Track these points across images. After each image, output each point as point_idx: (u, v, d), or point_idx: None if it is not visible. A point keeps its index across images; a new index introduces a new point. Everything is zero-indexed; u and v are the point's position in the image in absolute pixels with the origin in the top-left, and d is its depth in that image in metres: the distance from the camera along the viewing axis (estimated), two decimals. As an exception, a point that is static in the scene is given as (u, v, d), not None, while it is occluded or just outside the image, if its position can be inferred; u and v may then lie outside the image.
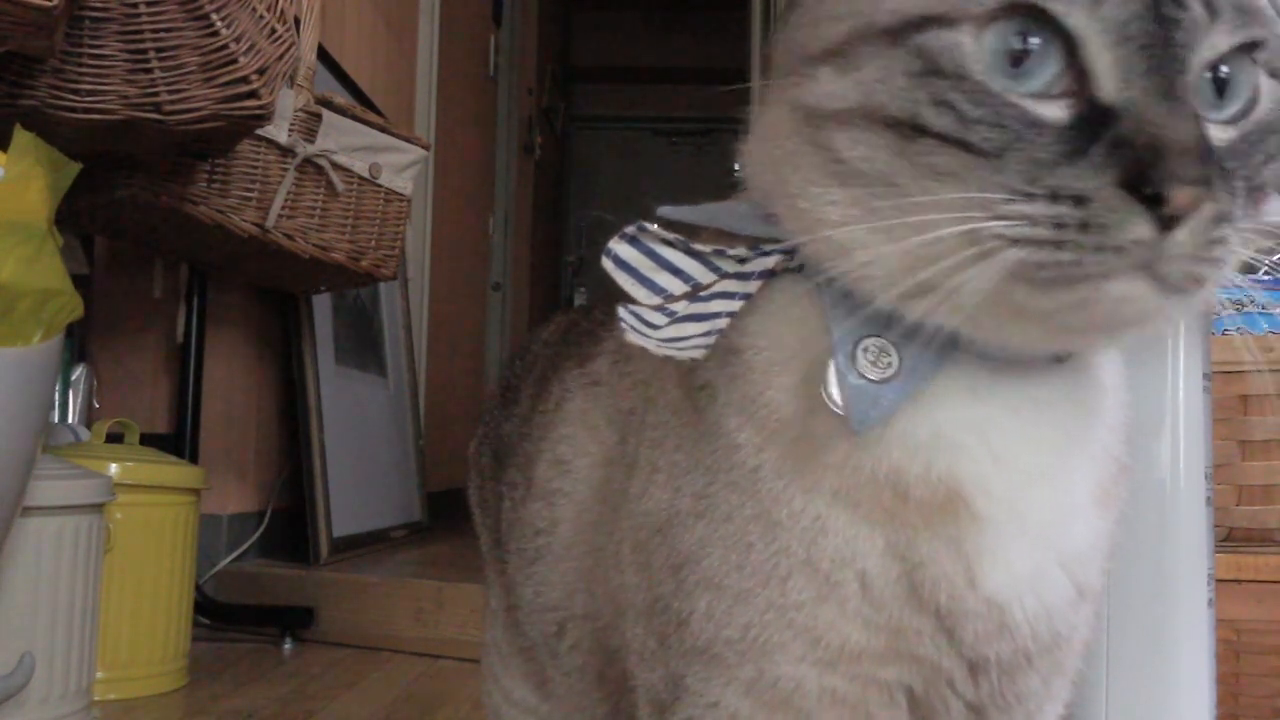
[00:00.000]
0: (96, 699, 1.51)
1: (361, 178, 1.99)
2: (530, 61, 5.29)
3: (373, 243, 2.03)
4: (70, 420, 2.02)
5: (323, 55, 2.30)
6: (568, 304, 5.67)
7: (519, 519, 0.78)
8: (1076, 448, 0.57)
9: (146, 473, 1.69)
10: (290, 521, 2.48)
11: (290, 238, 1.86)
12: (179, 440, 2.10)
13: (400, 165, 2.07)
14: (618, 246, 0.58)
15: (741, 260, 0.58)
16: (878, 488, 0.54)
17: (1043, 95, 0.48)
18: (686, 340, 0.58)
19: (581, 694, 0.73)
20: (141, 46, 1.31)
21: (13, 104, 1.28)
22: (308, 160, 1.86)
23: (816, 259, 0.54)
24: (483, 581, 0.96)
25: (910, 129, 0.49)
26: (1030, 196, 0.47)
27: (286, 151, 1.84)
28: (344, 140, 1.94)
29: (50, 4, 1.12)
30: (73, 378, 2.06)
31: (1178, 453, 0.85)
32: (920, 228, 0.48)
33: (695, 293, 0.58)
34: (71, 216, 1.69)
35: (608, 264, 0.58)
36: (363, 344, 2.86)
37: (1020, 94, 0.48)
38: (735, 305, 0.58)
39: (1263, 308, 1.56)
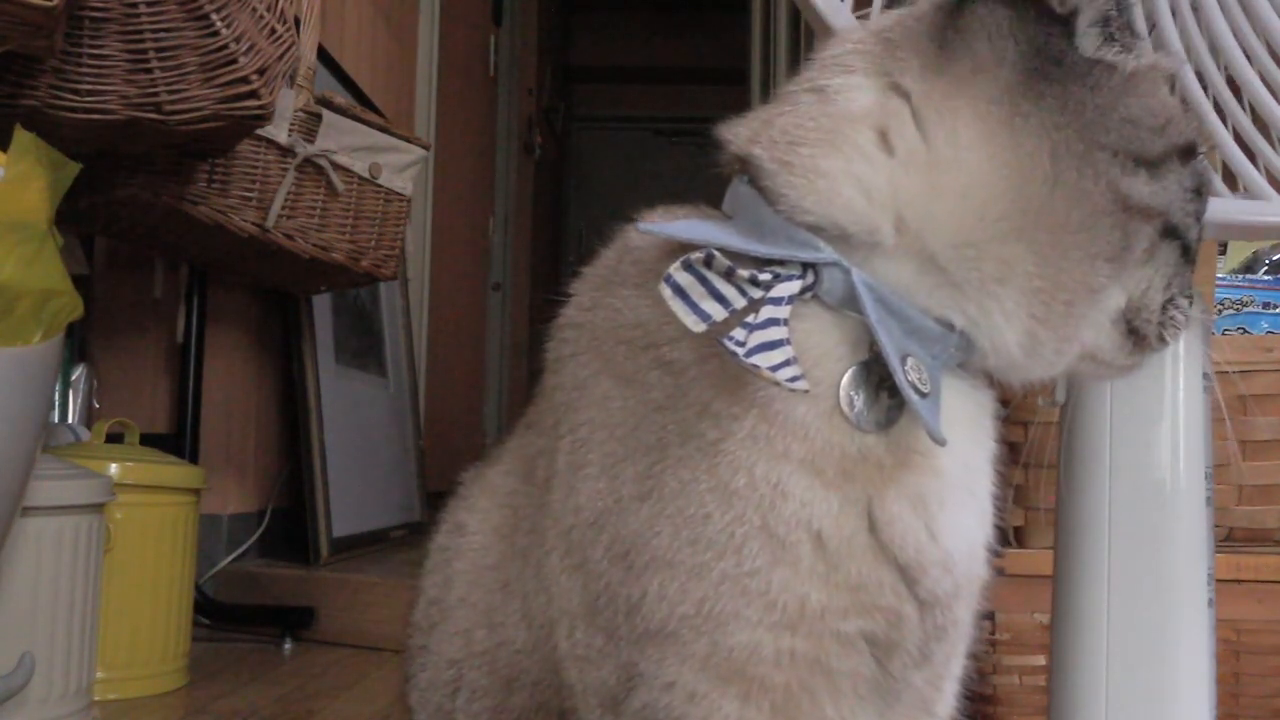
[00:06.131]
0: (96, 699, 1.51)
1: (361, 178, 1.98)
2: (530, 61, 5.28)
3: (373, 243, 2.03)
4: (70, 420, 2.02)
5: (323, 55, 2.30)
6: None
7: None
8: (979, 424, 0.62)
9: (146, 473, 1.69)
10: (290, 521, 2.47)
11: (290, 238, 1.86)
12: (179, 440, 2.10)
13: (400, 165, 2.07)
14: (677, 274, 0.54)
15: (766, 286, 0.55)
16: (845, 460, 0.57)
17: None
18: (781, 370, 0.54)
19: None
20: (141, 46, 1.31)
21: (13, 104, 1.28)
22: (308, 160, 1.86)
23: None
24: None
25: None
26: None
27: (286, 151, 1.84)
28: (344, 140, 1.93)
29: (50, 4, 1.12)
30: (73, 378, 2.06)
31: (1178, 453, 0.85)
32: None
33: (738, 320, 0.54)
34: (71, 216, 1.68)
35: (665, 291, 0.54)
36: (363, 344, 2.85)
37: None
38: (785, 332, 0.55)
39: (1264, 306, 1.56)
